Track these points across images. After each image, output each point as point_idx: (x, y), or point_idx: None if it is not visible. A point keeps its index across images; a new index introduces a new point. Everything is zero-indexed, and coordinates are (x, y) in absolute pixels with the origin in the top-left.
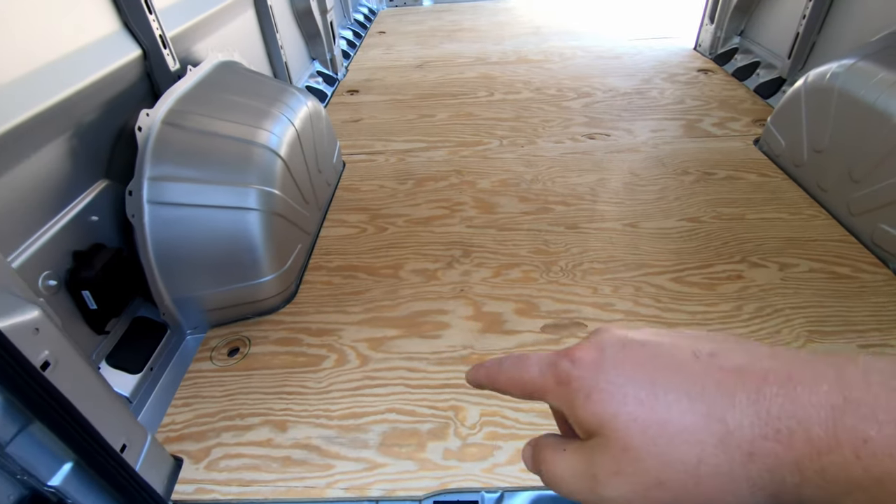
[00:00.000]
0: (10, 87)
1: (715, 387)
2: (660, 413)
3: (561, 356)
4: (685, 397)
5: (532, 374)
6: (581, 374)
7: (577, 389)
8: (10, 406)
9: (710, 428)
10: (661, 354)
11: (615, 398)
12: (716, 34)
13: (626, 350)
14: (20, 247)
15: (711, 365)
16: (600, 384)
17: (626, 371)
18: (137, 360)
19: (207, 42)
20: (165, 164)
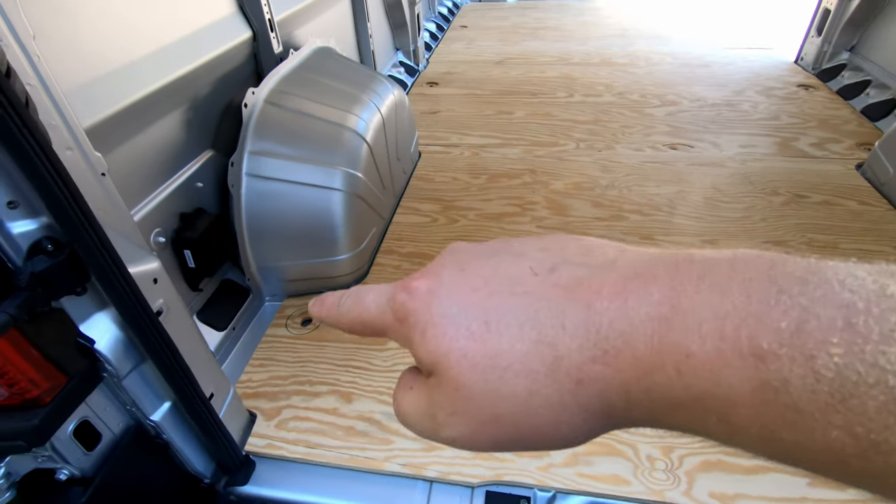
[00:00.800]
0: (143, 62)
1: (547, 308)
2: (490, 345)
3: (398, 288)
4: (516, 324)
5: (371, 313)
6: (416, 306)
7: (414, 325)
8: (130, 344)
9: (540, 356)
10: (498, 275)
11: (447, 333)
12: (822, 48)
13: (464, 273)
14: (139, 204)
15: (547, 282)
16: (434, 318)
17: (460, 299)
18: (223, 319)
19: (307, 28)
20: (265, 140)
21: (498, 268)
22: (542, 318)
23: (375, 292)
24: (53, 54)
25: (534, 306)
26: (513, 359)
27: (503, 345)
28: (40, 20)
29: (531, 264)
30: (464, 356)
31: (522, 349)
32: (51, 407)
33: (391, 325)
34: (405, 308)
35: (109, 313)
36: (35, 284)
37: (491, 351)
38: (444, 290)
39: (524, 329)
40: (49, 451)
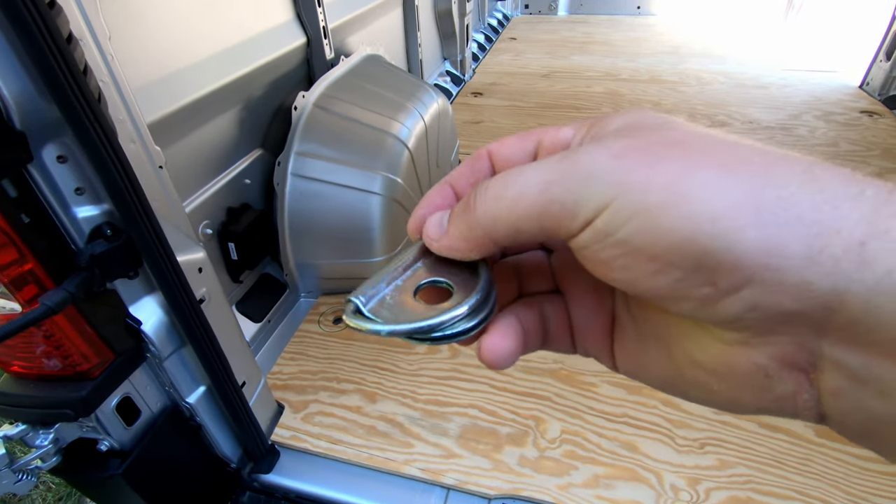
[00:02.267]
0: (205, 64)
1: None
2: (723, 152)
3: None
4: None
5: (565, 132)
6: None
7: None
8: (173, 328)
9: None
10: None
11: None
12: (891, 73)
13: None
14: (192, 196)
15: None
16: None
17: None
18: (259, 311)
19: (358, 35)
20: (311, 142)
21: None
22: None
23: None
24: (125, 54)
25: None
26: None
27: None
28: (116, 22)
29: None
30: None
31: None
32: (98, 381)
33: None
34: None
35: (156, 298)
36: (93, 266)
37: (724, 157)
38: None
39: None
40: (93, 423)
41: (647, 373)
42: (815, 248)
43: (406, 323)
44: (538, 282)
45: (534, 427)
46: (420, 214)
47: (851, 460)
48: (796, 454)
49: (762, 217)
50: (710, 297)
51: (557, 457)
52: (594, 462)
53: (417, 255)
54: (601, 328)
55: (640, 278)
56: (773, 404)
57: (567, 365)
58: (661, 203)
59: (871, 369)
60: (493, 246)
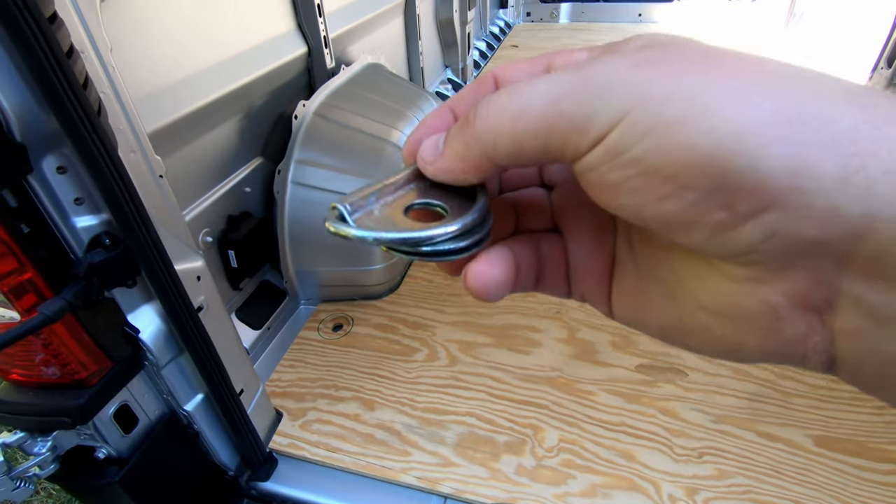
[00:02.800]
0: (207, 74)
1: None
2: (752, 67)
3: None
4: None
5: (579, 54)
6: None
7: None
8: (171, 337)
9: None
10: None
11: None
12: (892, 80)
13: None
14: (192, 205)
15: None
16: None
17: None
18: (259, 318)
19: (360, 44)
20: (311, 150)
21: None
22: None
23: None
24: (127, 65)
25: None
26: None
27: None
28: (118, 33)
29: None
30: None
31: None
32: (96, 388)
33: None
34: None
35: (154, 306)
36: (91, 275)
37: (756, 69)
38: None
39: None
40: (91, 430)
41: (646, 319)
42: (850, 167)
43: (394, 232)
44: (536, 219)
45: (531, 436)
46: (416, 137)
47: (850, 470)
48: (795, 464)
49: (793, 133)
50: (724, 222)
51: (555, 466)
52: (591, 471)
53: (410, 176)
54: (600, 269)
55: (650, 203)
56: (780, 348)
57: (565, 373)
58: (680, 117)
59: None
60: (492, 168)
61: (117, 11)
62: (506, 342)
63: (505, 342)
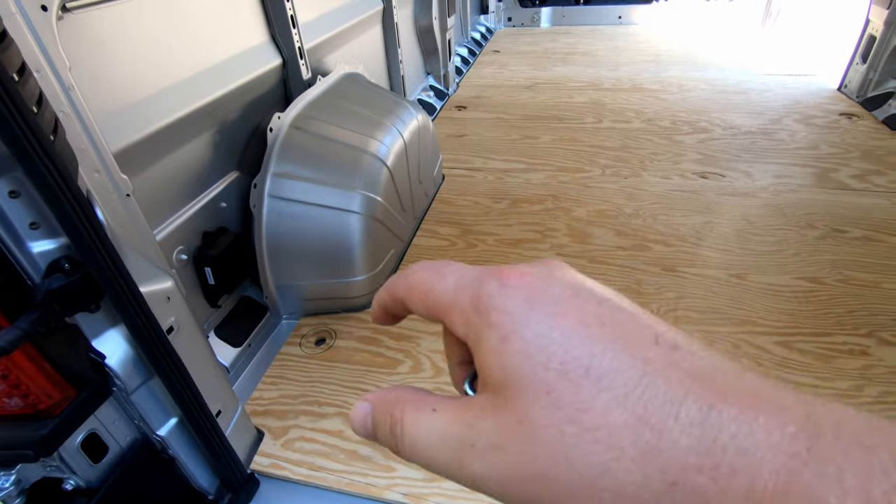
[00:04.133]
0: (176, 89)
1: (663, 388)
2: (583, 395)
3: (489, 273)
4: (621, 388)
5: (445, 285)
6: (508, 305)
7: (495, 325)
8: (139, 361)
9: (636, 436)
10: (616, 323)
11: (537, 357)
12: (867, 75)
13: (577, 300)
14: (164, 222)
15: (668, 358)
16: (525, 331)
17: (566, 325)
18: (239, 335)
19: (337, 54)
20: (288, 163)
21: (615, 315)
22: (653, 395)
23: (458, 267)
24: (88, 83)
25: (649, 378)
26: (602, 423)
27: (598, 403)
28: (77, 52)
29: (655, 331)
30: (547, 392)
31: (619, 419)
32: (59, 419)
33: (462, 308)
34: (491, 300)
35: (120, 330)
36: (51, 301)
37: (582, 402)
38: (547, 306)
39: (629, 398)
40: (57, 462)
41: None
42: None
43: None
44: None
45: None
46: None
47: None
48: None
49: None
50: None
51: None
52: None
53: None
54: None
55: None
56: None
57: None
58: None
59: None
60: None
61: (76, 29)
62: None
63: None
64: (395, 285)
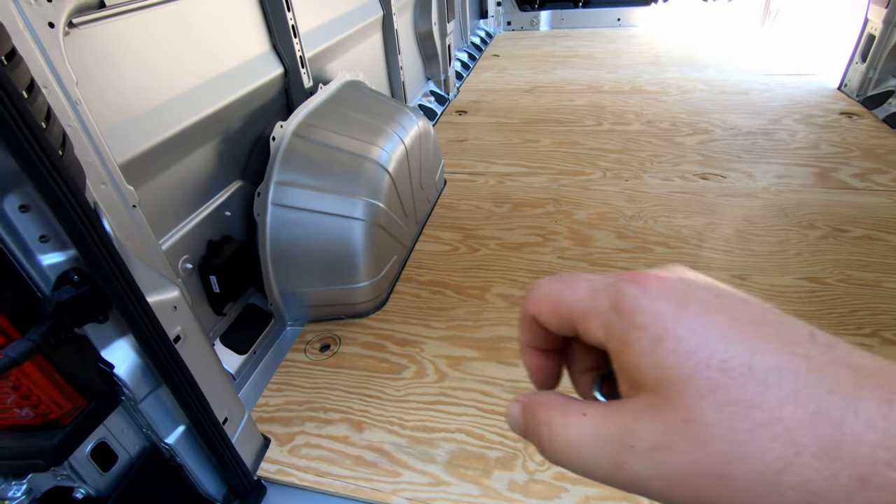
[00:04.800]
0: (180, 100)
1: (834, 383)
2: (750, 391)
3: (626, 278)
4: (790, 383)
5: (578, 293)
6: (654, 308)
7: (644, 326)
8: (147, 370)
9: (815, 430)
10: (768, 321)
11: (696, 354)
12: (867, 74)
13: (721, 300)
14: (170, 232)
15: (829, 354)
16: (680, 330)
17: (720, 323)
18: (245, 343)
19: (338, 62)
20: (291, 171)
21: (764, 314)
22: (825, 391)
23: (587, 276)
24: (95, 97)
25: (816, 374)
26: (776, 419)
27: (768, 399)
28: (84, 66)
29: (809, 329)
30: (712, 389)
31: (794, 415)
32: (69, 428)
33: (602, 312)
34: (635, 302)
35: (129, 340)
36: (60, 313)
37: (751, 399)
38: (695, 306)
39: (801, 394)
40: (67, 471)
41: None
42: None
43: None
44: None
45: (522, 450)
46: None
47: None
48: None
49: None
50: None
51: (547, 479)
52: (585, 483)
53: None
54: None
55: None
56: None
57: None
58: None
59: None
60: None
61: (83, 44)
62: (494, 355)
63: (493, 355)
64: (523, 308)
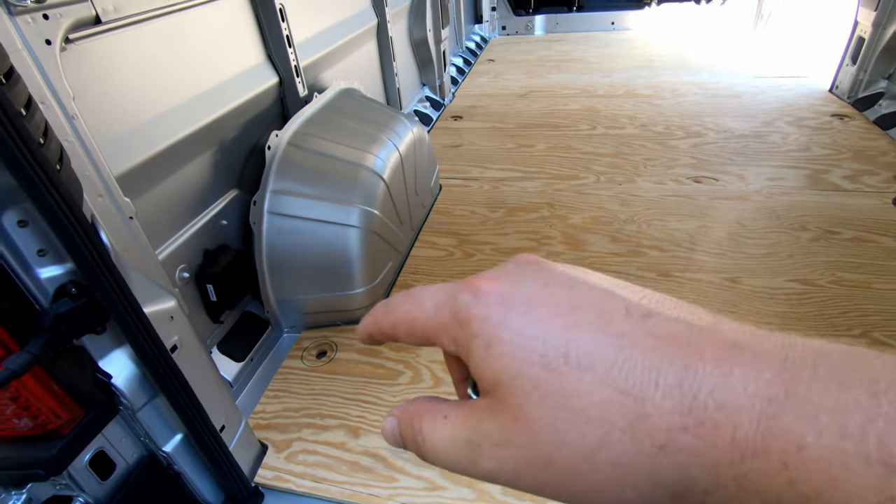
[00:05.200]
0: (176, 111)
1: (640, 358)
2: (567, 382)
3: (461, 287)
4: (601, 366)
5: (425, 311)
6: (484, 313)
7: (477, 334)
8: (144, 379)
9: (622, 408)
10: (587, 303)
11: (519, 356)
12: (858, 76)
13: (546, 291)
14: (166, 242)
15: (641, 328)
16: (504, 333)
17: (538, 320)
18: (242, 350)
19: (333, 71)
20: (286, 180)
21: (587, 295)
22: (631, 366)
23: (433, 290)
24: (91, 111)
25: (625, 352)
26: (589, 403)
27: (582, 385)
28: (80, 81)
29: (626, 304)
30: (534, 386)
31: (603, 396)
32: (68, 438)
33: (447, 326)
34: (468, 311)
35: (126, 350)
36: (59, 325)
37: (567, 389)
38: (521, 304)
39: (610, 374)
40: (66, 480)
41: None
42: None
43: None
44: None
45: None
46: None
47: None
48: None
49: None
50: None
51: None
52: None
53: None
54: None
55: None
56: None
57: None
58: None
59: None
60: None
61: (79, 59)
62: None
63: None
64: (380, 322)
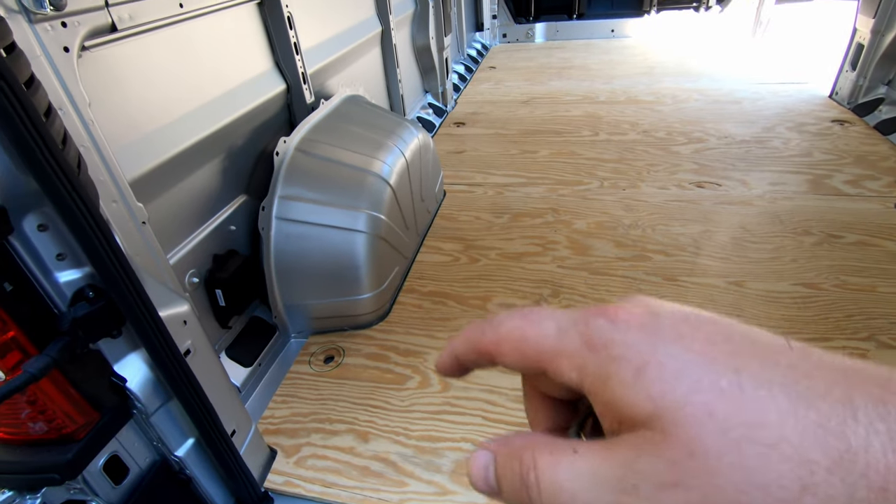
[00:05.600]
0: (187, 118)
1: (824, 388)
2: (750, 410)
3: (592, 312)
4: (782, 394)
5: (543, 331)
6: (626, 338)
7: (621, 358)
8: (158, 383)
9: (822, 443)
10: (739, 335)
11: (683, 380)
12: (857, 82)
13: (690, 322)
14: (177, 247)
15: (810, 359)
16: (660, 357)
17: (697, 346)
18: (250, 355)
19: (338, 77)
20: (294, 185)
21: (735, 328)
22: (817, 397)
23: (551, 311)
24: (106, 117)
25: (805, 383)
26: (783, 436)
27: (769, 415)
28: (96, 88)
29: (774, 336)
30: (709, 414)
31: (797, 427)
32: (84, 442)
33: (572, 352)
34: (609, 335)
35: (141, 354)
36: (76, 329)
37: (751, 418)
38: (668, 331)
39: (797, 404)
40: (80, 484)
41: None
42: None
43: None
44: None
45: None
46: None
47: None
48: None
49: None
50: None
51: None
52: None
53: None
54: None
55: None
56: None
57: None
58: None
59: None
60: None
61: (95, 66)
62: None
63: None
64: (479, 338)
